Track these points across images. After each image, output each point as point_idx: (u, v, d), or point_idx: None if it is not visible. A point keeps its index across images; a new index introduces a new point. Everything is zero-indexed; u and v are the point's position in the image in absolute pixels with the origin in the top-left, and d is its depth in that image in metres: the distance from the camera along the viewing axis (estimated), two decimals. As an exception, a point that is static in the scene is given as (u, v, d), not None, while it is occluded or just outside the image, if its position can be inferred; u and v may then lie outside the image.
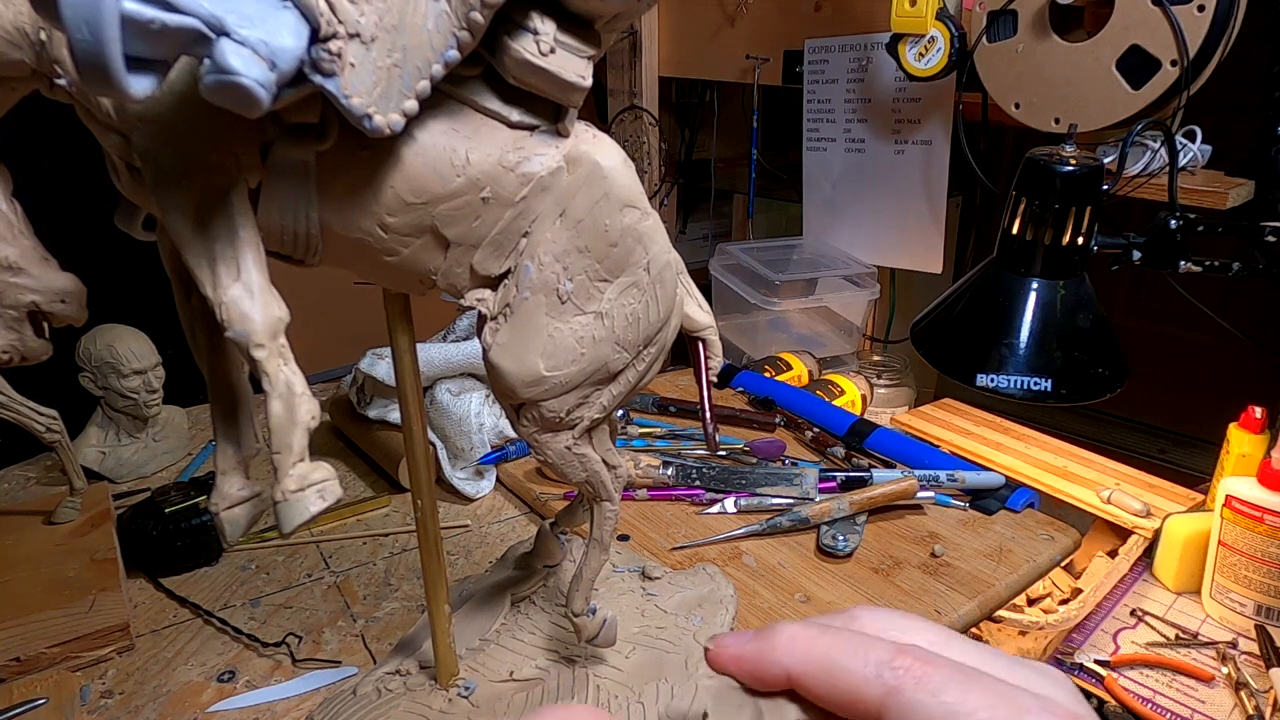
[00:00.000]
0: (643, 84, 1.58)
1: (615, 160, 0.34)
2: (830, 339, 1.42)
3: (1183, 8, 0.87)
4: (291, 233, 0.31)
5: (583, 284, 0.35)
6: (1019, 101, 1.03)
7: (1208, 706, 0.76)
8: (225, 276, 0.29)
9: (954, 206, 1.35)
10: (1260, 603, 0.83)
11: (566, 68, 0.31)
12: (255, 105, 0.24)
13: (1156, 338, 1.47)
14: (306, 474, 0.30)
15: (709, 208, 1.73)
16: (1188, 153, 0.96)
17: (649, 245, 0.36)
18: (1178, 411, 1.46)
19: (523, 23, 0.30)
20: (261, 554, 0.75)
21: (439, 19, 0.29)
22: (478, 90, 0.32)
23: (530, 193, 0.33)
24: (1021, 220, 0.83)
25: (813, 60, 1.36)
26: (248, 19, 0.24)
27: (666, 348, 0.39)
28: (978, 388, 0.83)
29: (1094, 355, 0.83)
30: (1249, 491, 0.82)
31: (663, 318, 0.37)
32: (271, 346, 0.29)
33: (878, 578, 0.71)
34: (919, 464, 0.87)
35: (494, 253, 0.34)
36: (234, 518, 0.33)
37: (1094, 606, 0.88)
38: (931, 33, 1.07)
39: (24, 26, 0.33)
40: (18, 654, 0.59)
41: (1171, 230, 0.85)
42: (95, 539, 0.72)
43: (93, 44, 0.21)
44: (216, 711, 0.57)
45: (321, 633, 0.65)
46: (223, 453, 0.34)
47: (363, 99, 0.27)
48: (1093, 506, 0.96)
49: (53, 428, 0.71)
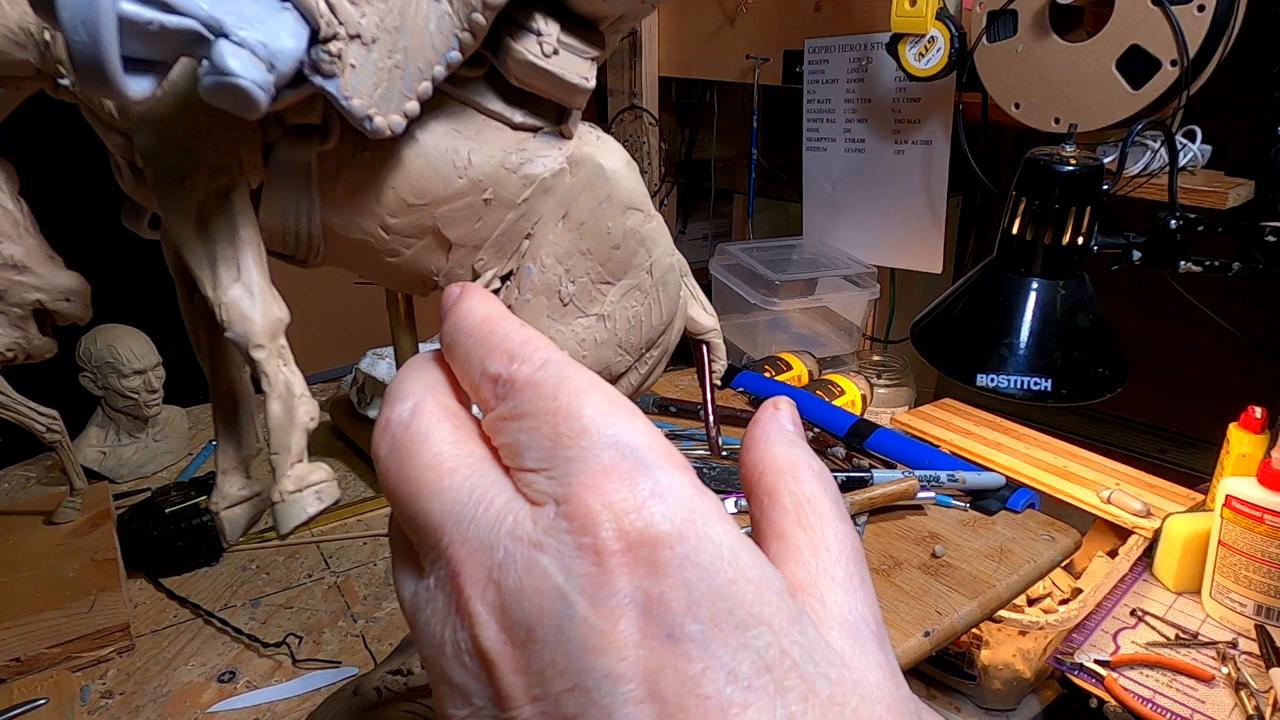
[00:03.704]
0: (643, 84, 1.58)
1: (618, 162, 0.34)
2: (830, 339, 1.42)
3: (1183, 8, 0.87)
4: (293, 233, 0.31)
5: (585, 286, 0.35)
6: (1019, 101, 1.03)
7: (1208, 706, 0.76)
8: (225, 277, 0.29)
9: (954, 206, 1.35)
10: (1260, 603, 0.83)
11: (570, 69, 0.31)
12: (254, 107, 0.24)
13: (1156, 338, 1.47)
14: (304, 475, 0.30)
15: (709, 208, 1.73)
16: (1188, 153, 0.96)
17: (652, 248, 0.36)
18: (1178, 411, 1.46)
19: (526, 24, 0.30)
20: (262, 554, 0.75)
21: (441, 20, 0.29)
22: (480, 92, 0.32)
23: (533, 194, 0.33)
24: (1021, 220, 0.83)
25: (813, 60, 1.36)
26: (246, 20, 0.24)
27: (669, 350, 0.39)
28: (978, 388, 0.83)
29: (1094, 355, 0.83)
30: (1249, 491, 0.82)
31: (665, 320, 0.37)
32: (271, 347, 0.29)
33: (878, 578, 0.71)
34: (919, 464, 0.87)
35: (496, 254, 0.34)
36: (234, 517, 0.33)
37: (1094, 606, 0.88)
38: (931, 33, 1.07)
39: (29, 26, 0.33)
40: (18, 654, 0.59)
41: (1171, 230, 0.85)
42: (95, 539, 0.72)
43: (90, 45, 0.21)
44: (217, 712, 0.57)
45: (322, 633, 0.65)
46: (224, 452, 0.34)
47: (364, 100, 0.27)
48: (1093, 506, 0.96)
49: (53, 428, 0.71)
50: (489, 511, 0.19)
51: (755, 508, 0.23)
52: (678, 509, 0.18)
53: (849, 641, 0.20)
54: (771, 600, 0.18)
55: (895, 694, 0.19)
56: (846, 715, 0.18)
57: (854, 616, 0.20)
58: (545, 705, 0.18)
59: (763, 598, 0.18)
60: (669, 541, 0.18)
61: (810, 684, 0.17)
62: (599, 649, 0.17)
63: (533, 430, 0.20)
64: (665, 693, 0.17)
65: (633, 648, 0.17)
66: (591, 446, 0.19)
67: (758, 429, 0.24)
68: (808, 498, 0.22)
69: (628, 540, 0.18)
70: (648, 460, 0.19)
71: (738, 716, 0.17)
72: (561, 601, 0.18)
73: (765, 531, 0.22)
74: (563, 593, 0.18)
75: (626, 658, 0.17)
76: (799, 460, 0.23)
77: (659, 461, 0.19)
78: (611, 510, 0.18)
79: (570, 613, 0.18)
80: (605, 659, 0.17)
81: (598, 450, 0.19)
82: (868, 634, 0.20)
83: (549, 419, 0.20)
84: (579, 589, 0.18)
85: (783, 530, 0.22)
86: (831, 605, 0.20)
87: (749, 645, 0.17)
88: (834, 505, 0.22)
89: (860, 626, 0.20)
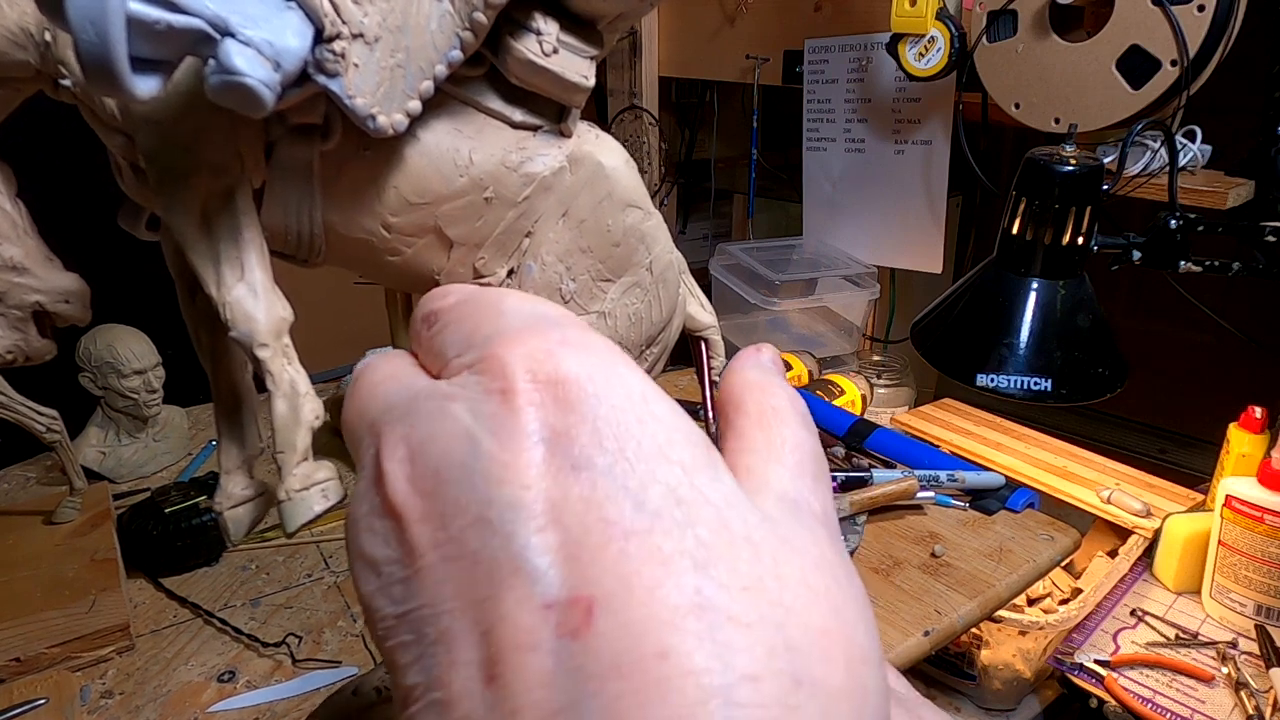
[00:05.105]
0: (643, 84, 1.58)
1: (618, 160, 0.34)
2: (830, 339, 1.42)
3: (1183, 8, 0.87)
4: (295, 233, 0.31)
5: (585, 284, 0.35)
6: (1019, 101, 1.03)
7: (1208, 706, 0.76)
8: (229, 276, 0.29)
9: (954, 206, 1.35)
10: (1260, 603, 0.83)
11: (569, 68, 0.31)
12: (260, 106, 0.24)
13: (1156, 338, 1.47)
14: (310, 473, 0.30)
15: (709, 208, 1.73)
16: (1188, 153, 0.96)
17: (652, 245, 0.36)
18: (1178, 411, 1.46)
19: (526, 23, 0.30)
20: (262, 554, 0.75)
21: (442, 19, 0.29)
22: (481, 90, 0.32)
23: (533, 193, 0.33)
24: (1021, 220, 0.83)
25: (813, 60, 1.36)
26: (252, 20, 0.24)
27: (669, 347, 0.39)
28: (978, 388, 0.83)
29: (1094, 355, 0.83)
30: (1249, 491, 0.82)
31: (665, 318, 0.37)
32: (275, 346, 0.29)
33: (878, 578, 0.71)
34: (919, 464, 0.87)
35: (497, 253, 0.34)
36: (237, 517, 0.33)
37: (1094, 606, 0.88)
38: (931, 33, 1.07)
39: (28, 27, 0.33)
40: (18, 654, 0.59)
41: (1171, 230, 0.85)
42: (95, 539, 0.72)
43: (98, 44, 0.21)
44: (217, 712, 0.57)
45: (322, 633, 0.65)
46: (226, 452, 0.34)
47: (366, 99, 0.27)
48: (1093, 506, 0.96)
49: (53, 428, 0.71)
50: (411, 390, 0.20)
51: (723, 422, 0.22)
52: (589, 355, 0.18)
53: (784, 511, 0.19)
54: (682, 443, 0.18)
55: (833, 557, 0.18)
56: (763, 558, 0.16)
57: (798, 495, 0.19)
58: (449, 548, 0.17)
59: (674, 439, 0.18)
60: (579, 381, 0.18)
61: (725, 521, 0.17)
62: (501, 480, 0.17)
63: (456, 327, 0.20)
64: (567, 520, 0.16)
65: (536, 478, 0.17)
66: (508, 321, 0.19)
67: (737, 362, 0.24)
68: (773, 406, 0.22)
69: (536, 380, 0.18)
70: (562, 321, 0.19)
71: (642, 540, 0.16)
72: (468, 441, 0.17)
73: (725, 434, 0.22)
74: (470, 433, 0.18)
75: (530, 486, 0.17)
76: (772, 381, 0.22)
77: (574, 323, 0.19)
78: (523, 356, 0.18)
79: (476, 450, 0.17)
80: (508, 489, 0.17)
81: (515, 321, 0.19)
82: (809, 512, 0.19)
83: (472, 316, 0.20)
84: (486, 428, 0.17)
85: (742, 430, 0.21)
86: (774, 483, 0.20)
87: (658, 479, 0.17)
88: (797, 415, 0.22)
89: (802, 504, 0.19)
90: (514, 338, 0.18)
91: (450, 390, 0.19)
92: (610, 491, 0.16)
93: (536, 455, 0.17)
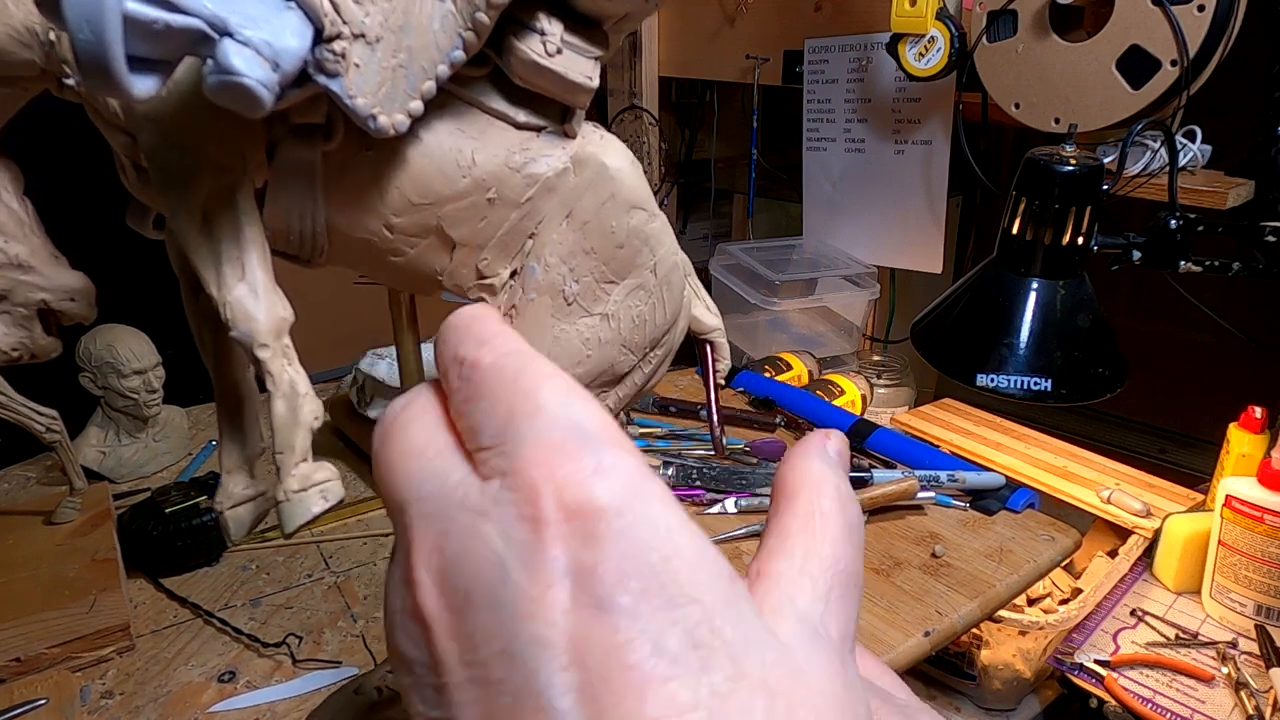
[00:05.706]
0: (643, 84, 1.58)
1: (622, 161, 0.34)
2: (830, 339, 1.42)
3: (1183, 8, 0.87)
4: (297, 233, 0.31)
5: (589, 286, 0.35)
6: (1019, 101, 1.03)
7: (1208, 706, 0.76)
8: (230, 276, 0.29)
9: (954, 206, 1.35)
10: (1260, 603, 0.84)
11: (573, 69, 0.31)
12: (258, 106, 0.24)
13: (1156, 338, 1.47)
14: (309, 474, 0.30)
15: (709, 208, 1.73)
16: (1188, 153, 0.96)
17: (656, 247, 0.36)
18: (1178, 411, 1.46)
19: (529, 23, 0.30)
20: (262, 554, 0.75)
21: (444, 19, 0.29)
22: (484, 91, 0.32)
23: (536, 194, 0.33)
24: (1021, 220, 0.83)
25: (813, 60, 1.36)
26: (251, 19, 0.24)
27: (673, 350, 0.39)
28: (978, 388, 0.83)
29: (1094, 355, 0.83)
30: (1249, 491, 0.82)
31: (669, 319, 0.37)
32: (275, 346, 0.29)
33: (878, 578, 0.71)
34: (919, 464, 0.87)
35: (500, 254, 0.34)
36: (238, 517, 0.33)
37: (1094, 606, 0.88)
38: (931, 33, 1.07)
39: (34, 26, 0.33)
40: (18, 654, 0.59)
41: (1171, 230, 0.85)
42: (95, 539, 0.72)
43: (95, 44, 0.21)
44: (217, 712, 0.57)
45: (322, 633, 0.65)
46: (227, 452, 0.34)
47: (367, 99, 0.27)
48: (1093, 506, 0.96)
49: (53, 428, 0.70)
50: (444, 486, 0.20)
51: (773, 511, 0.23)
52: (619, 485, 0.18)
53: (802, 638, 0.19)
54: (704, 580, 0.18)
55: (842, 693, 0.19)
56: (777, 700, 0.17)
57: (818, 620, 0.20)
58: (475, 670, 0.18)
59: (696, 577, 0.18)
60: (607, 515, 0.18)
61: (740, 665, 0.17)
62: (529, 615, 0.17)
63: (490, 411, 0.20)
64: (589, 661, 0.17)
65: (561, 615, 0.17)
66: (543, 425, 0.19)
67: (803, 445, 0.24)
68: (823, 511, 0.22)
69: (566, 511, 0.18)
70: (596, 439, 0.19)
71: (660, 688, 0.17)
72: (499, 568, 0.18)
73: (771, 528, 0.22)
74: (501, 559, 0.18)
75: (555, 624, 0.17)
76: (829, 479, 0.23)
77: (607, 442, 0.19)
78: (554, 482, 0.18)
79: (505, 579, 0.18)
80: (534, 624, 0.17)
81: (548, 428, 0.19)
82: (826, 640, 0.20)
83: (506, 400, 0.20)
84: (516, 556, 0.18)
85: (786, 530, 0.22)
86: (799, 603, 0.20)
87: (678, 621, 0.17)
88: (846, 527, 0.22)
89: (821, 631, 0.20)
90: (547, 456, 0.19)
91: (483, 505, 0.19)
92: (631, 635, 0.17)
93: (562, 594, 0.17)
